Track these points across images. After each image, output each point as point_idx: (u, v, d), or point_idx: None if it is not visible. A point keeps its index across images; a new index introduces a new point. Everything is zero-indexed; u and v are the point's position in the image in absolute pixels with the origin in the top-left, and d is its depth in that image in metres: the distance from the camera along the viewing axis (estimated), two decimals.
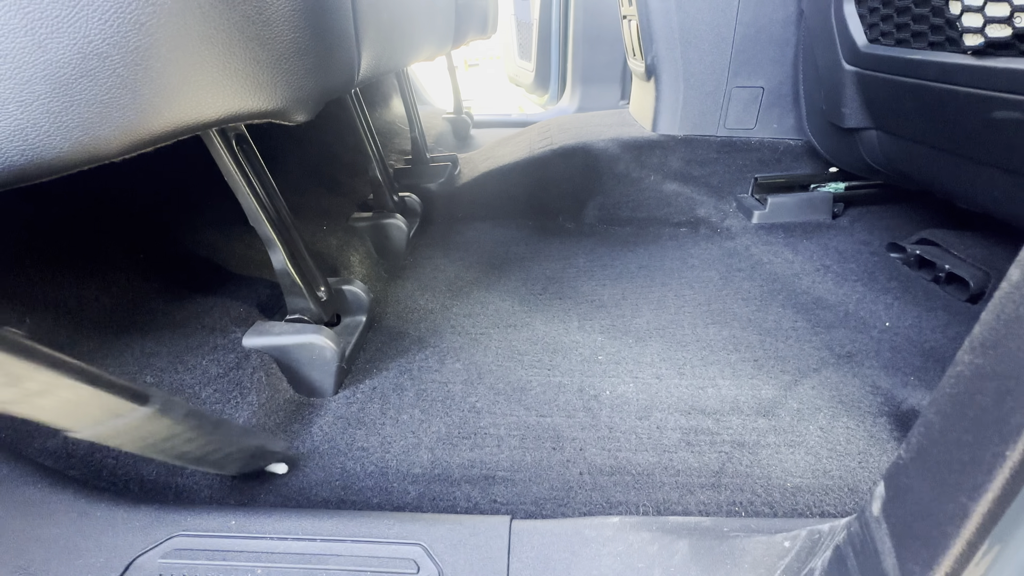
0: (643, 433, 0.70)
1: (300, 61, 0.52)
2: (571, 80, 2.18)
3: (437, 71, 2.45)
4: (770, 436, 0.69)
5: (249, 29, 0.47)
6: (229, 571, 0.48)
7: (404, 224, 1.19)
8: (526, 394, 0.78)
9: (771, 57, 1.20)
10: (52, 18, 0.34)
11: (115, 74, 0.38)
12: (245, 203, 0.70)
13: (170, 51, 0.42)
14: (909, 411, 0.71)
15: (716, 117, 1.29)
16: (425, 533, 0.50)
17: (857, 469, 0.64)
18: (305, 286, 0.76)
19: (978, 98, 0.69)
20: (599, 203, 1.38)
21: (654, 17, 1.24)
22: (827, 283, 1.02)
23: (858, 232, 1.18)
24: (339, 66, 0.61)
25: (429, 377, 0.82)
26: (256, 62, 0.49)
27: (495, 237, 1.33)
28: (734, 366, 0.82)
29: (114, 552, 0.49)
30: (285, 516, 0.52)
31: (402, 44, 0.83)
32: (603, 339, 0.90)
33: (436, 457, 0.67)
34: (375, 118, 1.92)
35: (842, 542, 0.37)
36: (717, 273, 1.10)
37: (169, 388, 0.69)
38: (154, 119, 0.43)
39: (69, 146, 0.37)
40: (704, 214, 1.32)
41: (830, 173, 1.26)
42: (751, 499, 0.60)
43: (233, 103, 0.49)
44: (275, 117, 0.55)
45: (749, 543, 0.46)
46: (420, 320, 0.97)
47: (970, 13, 0.66)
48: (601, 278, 1.10)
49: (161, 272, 0.88)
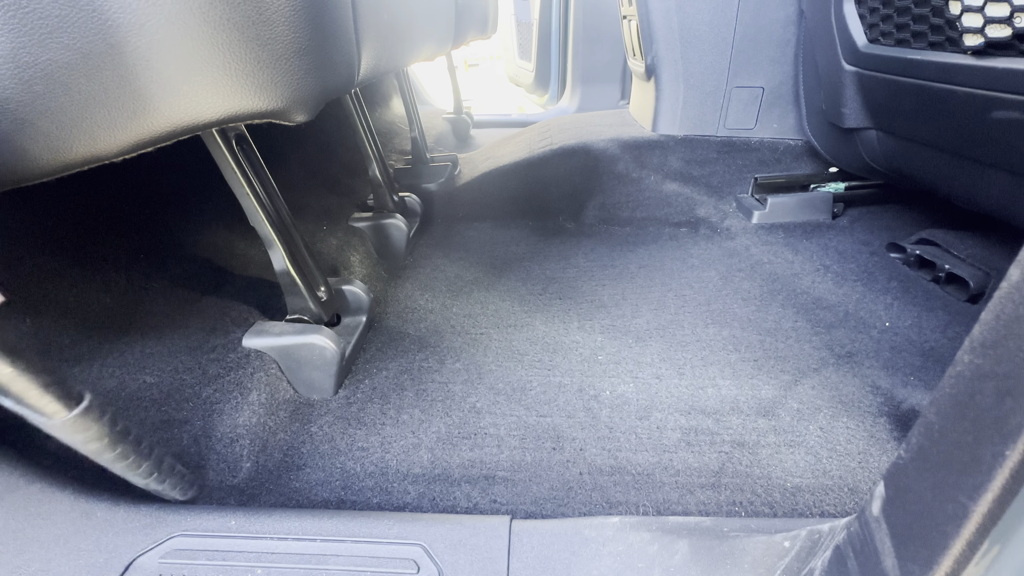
0: (643, 433, 0.70)
1: (300, 61, 0.52)
2: (571, 80, 2.18)
3: (437, 71, 2.45)
4: (770, 436, 0.69)
5: (249, 29, 0.47)
6: (229, 571, 0.48)
7: (404, 224, 1.19)
8: (526, 394, 0.78)
9: (771, 57, 1.20)
10: (53, 18, 0.34)
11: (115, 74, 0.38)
12: (245, 203, 0.70)
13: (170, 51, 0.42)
14: (909, 411, 0.71)
15: (716, 117, 1.29)
16: (425, 533, 0.50)
17: (857, 469, 0.64)
18: (305, 286, 0.76)
19: (978, 98, 0.69)
20: (599, 203, 1.38)
21: (654, 17, 1.24)
22: (827, 283, 1.02)
23: (858, 232, 1.18)
24: (339, 66, 0.61)
25: (429, 377, 0.82)
26: (256, 62, 0.49)
27: (495, 237, 1.33)
28: (734, 366, 0.82)
29: (114, 552, 0.49)
30: (285, 516, 0.52)
31: (402, 44, 0.83)
32: (603, 339, 0.90)
33: (436, 457, 0.67)
34: (375, 118, 1.92)
35: (842, 542, 0.37)
36: (717, 273, 1.10)
37: (169, 388, 0.69)
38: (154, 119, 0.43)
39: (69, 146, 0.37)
40: (704, 214, 1.32)
41: (830, 173, 1.26)
42: (751, 499, 0.60)
43: (233, 103, 0.49)
44: (275, 117, 0.55)
45: (749, 543, 0.46)
46: (420, 320, 0.97)
47: (970, 13, 0.66)
48: (601, 278, 1.10)
49: (161, 272, 0.88)
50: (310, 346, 0.74)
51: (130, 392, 0.68)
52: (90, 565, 0.48)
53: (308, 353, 0.75)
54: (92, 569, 0.48)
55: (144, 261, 0.88)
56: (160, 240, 0.94)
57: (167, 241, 0.95)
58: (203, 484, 0.62)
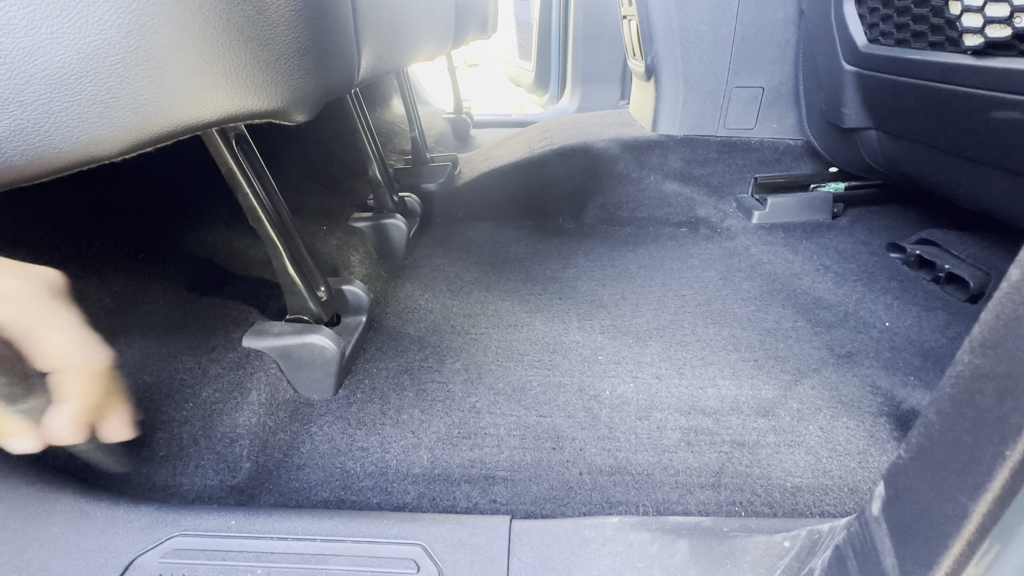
0: (643, 433, 0.70)
1: (300, 61, 0.52)
2: (571, 80, 2.18)
3: (437, 71, 2.45)
4: (770, 436, 0.69)
5: (249, 29, 0.47)
6: (229, 571, 0.48)
7: (404, 224, 1.19)
8: (526, 394, 0.78)
9: (771, 57, 1.20)
10: (52, 18, 0.34)
11: (115, 74, 0.38)
12: (245, 203, 0.70)
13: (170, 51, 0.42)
14: (909, 411, 0.71)
15: (716, 117, 1.29)
16: (425, 533, 0.50)
17: (857, 469, 0.64)
18: (305, 286, 0.76)
19: (978, 98, 0.69)
20: (599, 203, 1.38)
21: (654, 17, 1.24)
22: (827, 283, 1.02)
23: (858, 232, 1.18)
24: (339, 66, 0.61)
25: (429, 377, 0.82)
26: (256, 62, 0.49)
27: (495, 237, 1.33)
28: (734, 366, 0.82)
29: (114, 552, 0.49)
30: (285, 516, 0.52)
31: (402, 44, 0.83)
32: (603, 339, 0.90)
33: (436, 457, 0.67)
34: (375, 118, 1.92)
35: (842, 542, 0.37)
36: (717, 273, 1.10)
37: (169, 388, 0.69)
38: (154, 119, 0.43)
39: (69, 146, 0.37)
40: (704, 214, 1.32)
41: (830, 173, 1.26)
42: (751, 499, 0.60)
43: (233, 103, 0.49)
44: (275, 117, 0.55)
45: (749, 543, 0.46)
46: (420, 320, 0.97)
47: (970, 13, 0.66)
48: (601, 278, 1.10)
49: (161, 272, 0.88)
50: (310, 346, 0.74)
51: (130, 392, 0.68)
52: (90, 565, 0.48)
53: (308, 353, 0.75)
54: (92, 569, 0.48)
55: (144, 261, 0.88)
56: (160, 240, 0.94)
57: (167, 241, 0.95)
58: (204, 484, 0.62)
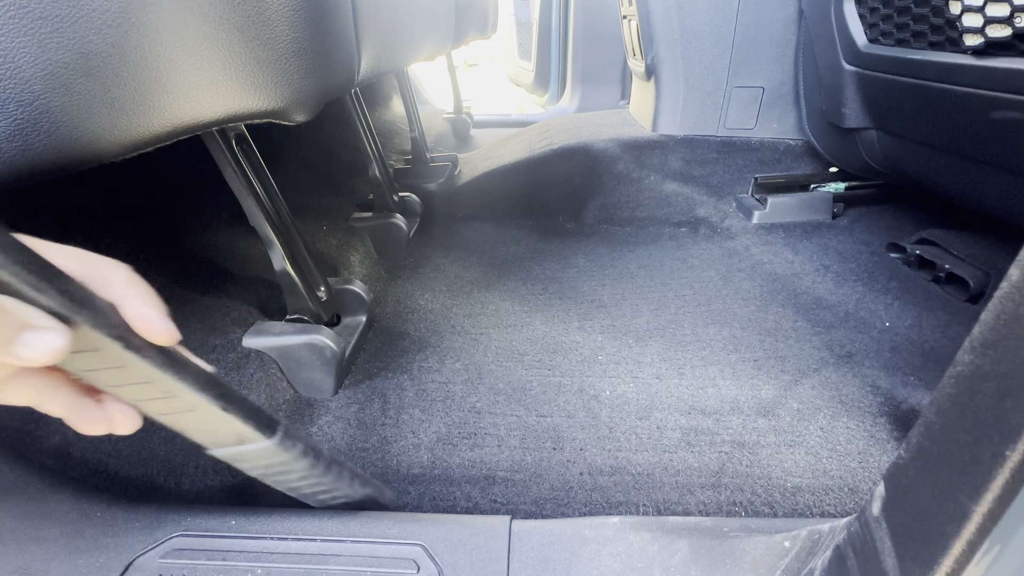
0: (643, 433, 0.70)
1: (300, 61, 0.52)
2: (571, 80, 2.18)
3: (437, 71, 2.44)
4: (770, 436, 0.69)
5: (249, 29, 0.47)
6: (229, 571, 0.48)
7: (404, 224, 1.19)
8: (526, 394, 0.78)
9: (771, 57, 1.20)
10: (52, 18, 0.34)
11: (115, 74, 0.38)
12: (245, 203, 0.70)
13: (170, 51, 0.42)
14: (909, 411, 0.71)
15: (716, 117, 1.29)
16: (425, 533, 0.50)
17: (857, 469, 0.64)
18: (305, 286, 0.76)
19: (978, 98, 0.69)
20: (599, 203, 1.38)
21: (654, 17, 1.24)
22: (827, 283, 1.02)
23: (858, 232, 1.18)
24: (339, 66, 0.61)
25: (429, 377, 0.82)
26: (256, 62, 0.49)
27: (495, 237, 1.33)
28: (734, 366, 0.82)
29: (114, 552, 0.49)
30: (285, 516, 0.52)
31: (402, 44, 0.83)
32: (603, 339, 0.90)
33: (436, 457, 0.67)
34: (375, 118, 1.92)
35: (842, 542, 0.37)
36: (717, 273, 1.10)
37: None
38: (154, 119, 0.43)
39: (69, 146, 0.37)
40: (704, 214, 1.32)
41: (830, 173, 1.26)
42: (751, 499, 0.60)
43: (233, 103, 0.49)
44: (275, 117, 0.55)
45: (749, 543, 0.46)
46: (420, 320, 0.97)
47: (970, 13, 0.66)
48: (601, 278, 1.10)
49: (161, 272, 0.88)
50: (310, 346, 0.74)
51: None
52: (90, 565, 0.48)
53: (308, 353, 0.75)
54: (92, 569, 0.48)
55: (144, 261, 0.88)
56: (160, 240, 0.94)
57: (167, 241, 0.95)
58: (204, 484, 0.62)
